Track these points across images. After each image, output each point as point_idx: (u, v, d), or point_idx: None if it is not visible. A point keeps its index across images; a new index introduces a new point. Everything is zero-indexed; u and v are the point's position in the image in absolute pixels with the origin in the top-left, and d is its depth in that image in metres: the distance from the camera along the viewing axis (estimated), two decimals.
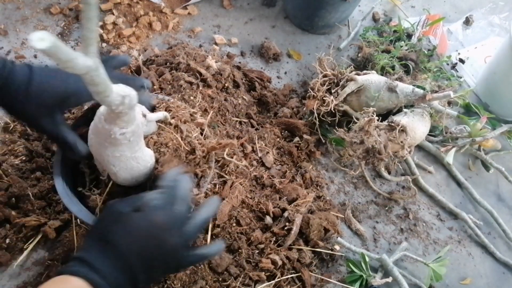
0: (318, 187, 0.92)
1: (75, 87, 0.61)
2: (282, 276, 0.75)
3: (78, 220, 0.72)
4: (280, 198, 0.85)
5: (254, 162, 0.89)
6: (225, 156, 0.77)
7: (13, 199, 0.74)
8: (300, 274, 0.77)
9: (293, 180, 0.90)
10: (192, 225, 0.53)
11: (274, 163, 0.91)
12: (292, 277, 0.76)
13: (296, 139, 0.97)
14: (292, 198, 0.85)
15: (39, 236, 0.72)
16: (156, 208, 0.51)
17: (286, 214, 0.81)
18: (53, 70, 0.62)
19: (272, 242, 0.78)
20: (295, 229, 0.79)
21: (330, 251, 0.81)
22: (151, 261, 0.48)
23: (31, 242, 0.72)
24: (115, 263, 0.46)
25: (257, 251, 0.77)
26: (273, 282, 0.74)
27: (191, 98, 0.85)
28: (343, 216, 0.90)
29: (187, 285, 0.69)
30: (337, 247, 0.82)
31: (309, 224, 0.81)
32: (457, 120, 1.09)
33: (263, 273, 0.74)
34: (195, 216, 0.54)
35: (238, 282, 0.72)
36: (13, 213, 0.72)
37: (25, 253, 0.71)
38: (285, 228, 0.80)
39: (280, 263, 0.75)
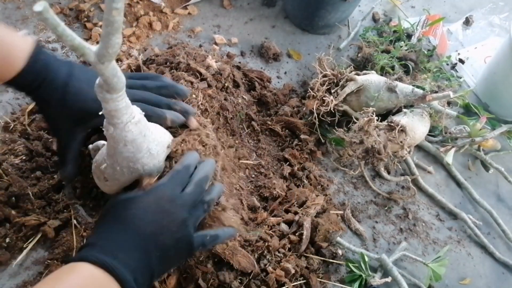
0: (322, 188, 0.92)
1: None
2: (291, 283, 0.74)
3: (77, 220, 0.72)
4: (291, 205, 0.85)
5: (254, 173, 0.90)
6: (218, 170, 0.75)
7: (13, 198, 0.74)
8: (308, 279, 0.76)
9: (299, 185, 0.90)
10: (202, 206, 0.55)
11: (275, 173, 0.92)
12: (300, 284, 0.76)
13: (296, 141, 0.97)
14: (301, 201, 0.85)
15: (39, 236, 0.72)
16: (163, 187, 0.52)
17: (296, 218, 0.81)
18: (90, 81, 0.59)
19: (287, 249, 0.78)
20: (306, 233, 0.78)
21: (333, 255, 0.81)
22: (162, 236, 0.48)
23: (30, 242, 0.72)
24: (126, 241, 0.45)
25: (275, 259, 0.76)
26: None
27: (193, 96, 0.86)
28: (343, 216, 0.90)
29: None
30: (339, 251, 0.82)
31: (317, 229, 0.81)
32: (456, 120, 1.09)
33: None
34: (206, 196, 0.56)
35: None
36: (13, 212, 0.72)
37: (25, 252, 0.71)
38: (297, 233, 0.79)
39: (293, 271, 0.74)
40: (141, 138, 0.53)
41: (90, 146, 0.62)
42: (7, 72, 0.57)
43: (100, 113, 0.49)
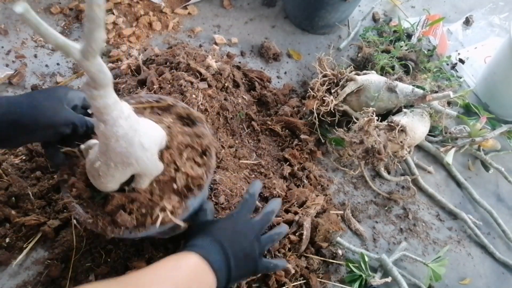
0: (322, 188, 0.92)
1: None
2: (291, 283, 0.74)
3: (76, 220, 0.72)
4: (291, 205, 0.85)
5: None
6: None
7: (13, 198, 0.74)
8: (308, 279, 0.76)
9: (299, 185, 0.90)
10: (266, 236, 0.68)
11: (275, 173, 0.92)
12: (300, 284, 0.76)
13: (296, 141, 0.97)
14: (301, 201, 0.85)
15: (39, 236, 0.72)
16: (237, 213, 0.67)
17: (296, 218, 0.81)
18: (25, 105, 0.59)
19: (287, 249, 0.78)
20: (306, 233, 0.79)
21: (333, 255, 0.81)
22: (237, 248, 0.61)
23: (30, 242, 0.72)
24: (215, 247, 0.59)
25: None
26: None
27: (193, 97, 0.85)
28: (343, 216, 0.90)
29: None
30: (339, 251, 0.82)
31: (317, 229, 0.81)
32: (456, 120, 1.09)
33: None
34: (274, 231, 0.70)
35: None
36: (13, 212, 0.72)
37: (25, 252, 0.71)
38: (297, 234, 0.79)
39: (293, 271, 0.74)
40: (132, 133, 0.53)
41: (82, 146, 0.62)
42: None
43: (89, 111, 0.50)
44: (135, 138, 0.54)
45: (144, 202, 0.59)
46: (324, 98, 0.95)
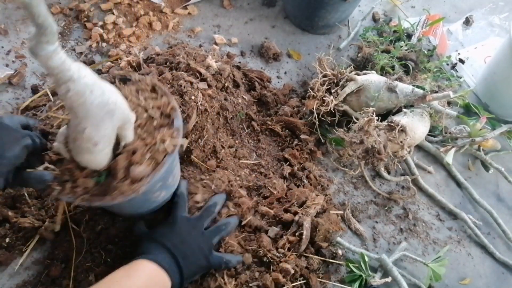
0: (322, 188, 0.92)
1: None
2: (291, 283, 0.74)
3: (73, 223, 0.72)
4: (291, 205, 0.85)
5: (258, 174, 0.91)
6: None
7: (11, 199, 0.74)
8: (308, 279, 0.76)
9: (299, 185, 0.90)
10: (211, 229, 0.71)
11: (275, 173, 0.92)
12: (300, 284, 0.76)
13: (296, 141, 0.97)
14: (301, 201, 0.85)
15: (37, 238, 0.72)
16: (175, 216, 0.71)
17: (296, 217, 0.81)
18: None
19: (287, 249, 0.78)
20: (306, 233, 0.79)
21: (333, 255, 0.81)
22: (183, 246, 0.65)
23: (29, 245, 0.72)
24: (162, 250, 0.64)
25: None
26: None
27: (192, 98, 0.85)
28: (343, 216, 0.90)
29: None
30: (339, 251, 0.82)
31: (317, 229, 0.81)
32: (456, 120, 1.09)
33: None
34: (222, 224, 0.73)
35: None
36: (10, 213, 0.72)
37: (25, 256, 0.71)
38: (296, 234, 0.79)
39: (292, 271, 0.74)
40: (97, 79, 0.52)
41: (55, 143, 0.59)
42: None
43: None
44: (102, 84, 0.53)
45: (143, 148, 0.60)
46: (324, 98, 0.95)
